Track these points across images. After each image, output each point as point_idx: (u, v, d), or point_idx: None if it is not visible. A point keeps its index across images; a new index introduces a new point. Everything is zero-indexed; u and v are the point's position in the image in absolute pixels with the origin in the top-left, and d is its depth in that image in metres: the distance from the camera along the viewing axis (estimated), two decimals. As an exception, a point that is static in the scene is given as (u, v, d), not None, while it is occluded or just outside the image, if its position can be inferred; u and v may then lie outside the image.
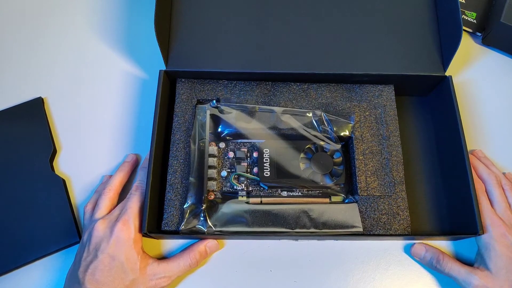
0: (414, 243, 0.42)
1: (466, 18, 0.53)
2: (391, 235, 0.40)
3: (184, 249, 0.41)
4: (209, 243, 0.40)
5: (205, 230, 0.39)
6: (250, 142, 0.44)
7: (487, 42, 0.52)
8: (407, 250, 0.42)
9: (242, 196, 0.41)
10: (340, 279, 0.41)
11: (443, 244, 0.43)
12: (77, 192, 0.44)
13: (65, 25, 0.53)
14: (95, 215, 0.39)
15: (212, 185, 0.41)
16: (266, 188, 0.42)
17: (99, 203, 0.40)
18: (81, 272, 0.35)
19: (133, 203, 0.39)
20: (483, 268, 0.38)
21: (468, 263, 0.40)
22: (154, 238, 0.41)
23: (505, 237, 0.37)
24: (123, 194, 0.42)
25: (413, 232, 0.41)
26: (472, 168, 0.41)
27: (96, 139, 0.47)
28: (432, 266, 0.40)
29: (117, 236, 0.36)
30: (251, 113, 0.44)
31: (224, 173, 0.42)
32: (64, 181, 0.44)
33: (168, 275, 0.38)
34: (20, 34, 0.53)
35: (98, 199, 0.41)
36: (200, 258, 0.40)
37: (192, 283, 0.41)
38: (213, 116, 0.44)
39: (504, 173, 0.44)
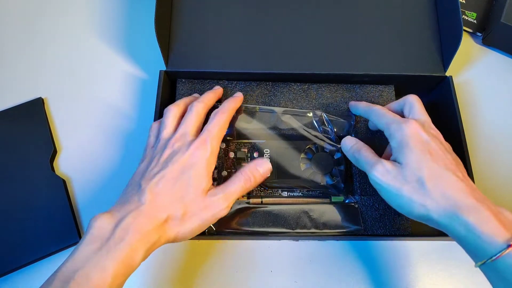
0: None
1: (466, 18, 0.53)
2: (391, 235, 0.40)
3: (237, 172, 0.37)
4: (259, 161, 0.37)
5: (206, 230, 0.39)
6: (251, 143, 0.44)
7: (487, 42, 0.52)
8: (408, 250, 0.42)
9: (243, 196, 0.41)
10: (340, 280, 0.41)
11: (443, 244, 0.43)
12: (77, 193, 0.44)
13: (66, 25, 0.53)
14: (178, 132, 0.36)
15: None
16: (267, 188, 0.42)
17: (187, 120, 0.37)
18: (145, 181, 0.33)
19: (213, 126, 0.36)
20: (392, 159, 0.35)
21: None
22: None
23: (418, 133, 0.34)
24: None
25: (414, 232, 0.41)
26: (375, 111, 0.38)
27: (96, 139, 0.47)
28: (350, 156, 0.38)
29: (193, 152, 0.34)
30: (251, 114, 0.44)
31: (224, 173, 0.42)
32: (64, 181, 0.44)
33: (227, 198, 0.35)
34: (20, 34, 0.53)
35: (186, 115, 0.38)
36: (254, 178, 0.36)
37: (193, 283, 0.41)
38: (213, 117, 0.44)
39: None
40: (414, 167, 0.32)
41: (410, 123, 0.34)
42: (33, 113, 0.47)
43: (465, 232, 0.29)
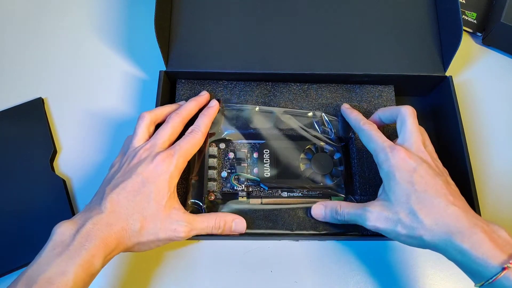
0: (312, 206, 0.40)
1: (467, 18, 0.53)
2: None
3: (212, 212, 0.39)
4: (238, 219, 0.38)
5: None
6: (250, 143, 0.44)
7: (487, 42, 0.52)
8: (408, 250, 0.42)
9: (243, 197, 0.41)
10: (340, 280, 0.41)
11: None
12: (77, 193, 0.44)
13: (66, 26, 0.53)
14: (149, 142, 0.37)
15: (213, 185, 0.41)
16: (267, 188, 0.42)
17: (161, 132, 0.38)
18: (109, 189, 0.34)
19: (185, 143, 0.37)
20: (381, 199, 0.35)
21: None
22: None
23: (405, 161, 0.33)
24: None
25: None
26: (356, 117, 0.40)
27: (96, 139, 0.47)
28: (336, 220, 0.38)
29: (157, 165, 0.35)
30: (251, 114, 0.44)
31: (224, 173, 0.42)
32: (64, 181, 0.44)
33: (189, 226, 0.35)
34: (20, 34, 0.53)
35: (161, 126, 0.38)
36: (224, 227, 0.37)
37: (193, 283, 0.41)
38: (213, 117, 0.44)
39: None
40: (403, 201, 0.33)
41: (396, 153, 0.34)
42: (33, 113, 0.47)
43: (461, 257, 0.30)
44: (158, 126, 0.40)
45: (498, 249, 0.28)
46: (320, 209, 0.39)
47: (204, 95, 0.43)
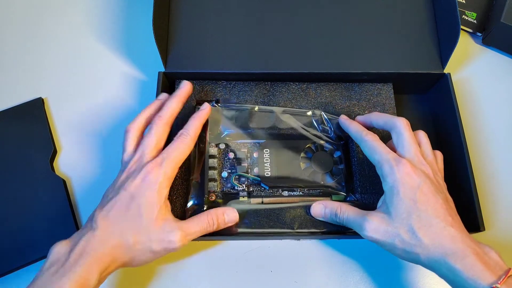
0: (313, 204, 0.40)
1: (466, 18, 0.53)
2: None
3: (202, 212, 0.38)
4: (228, 210, 0.38)
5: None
6: (250, 143, 0.44)
7: (487, 42, 0.52)
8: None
9: (243, 197, 0.41)
10: (341, 280, 0.41)
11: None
12: (77, 193, 0.44)
13: (65, 26, 0.53)
14: (136, 154, 0.36)
15: (213, 186, 0.41)
16: (267, 188, 0.42)
17: (145, 142, 0.36)
18: (98, 209, 0.34)
19: (172, 149, 0.36)
20: (381, 211, 0.35)
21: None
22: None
23: (410, 176, 0.34)
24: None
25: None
26: (356, 126, 0.39)
27: (96, 139, 0.47)
28: (334, 222, 0.39)
29: (144, 176, 0.34)
30: (250, 114, 0.44)
31: (224, 174, 0.42)
32: (64, 181, 0.44)
33: (184, 233, 0.34)
34: (20, 34, 0.53)
35: (144, 135, 0.37)
36: (218, 222, 0.37)
37: (193, 283, 0.41)
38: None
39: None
40: (404, 217, 0.33)
41: (402, 166, 0.34)
42: (33, 113, 0.47)
43: (452, 276, 0.31)
44: None
45: (488, 271, 0.30)
46: (320, 209, 0.39)
47: (185, 86, 0.41)
